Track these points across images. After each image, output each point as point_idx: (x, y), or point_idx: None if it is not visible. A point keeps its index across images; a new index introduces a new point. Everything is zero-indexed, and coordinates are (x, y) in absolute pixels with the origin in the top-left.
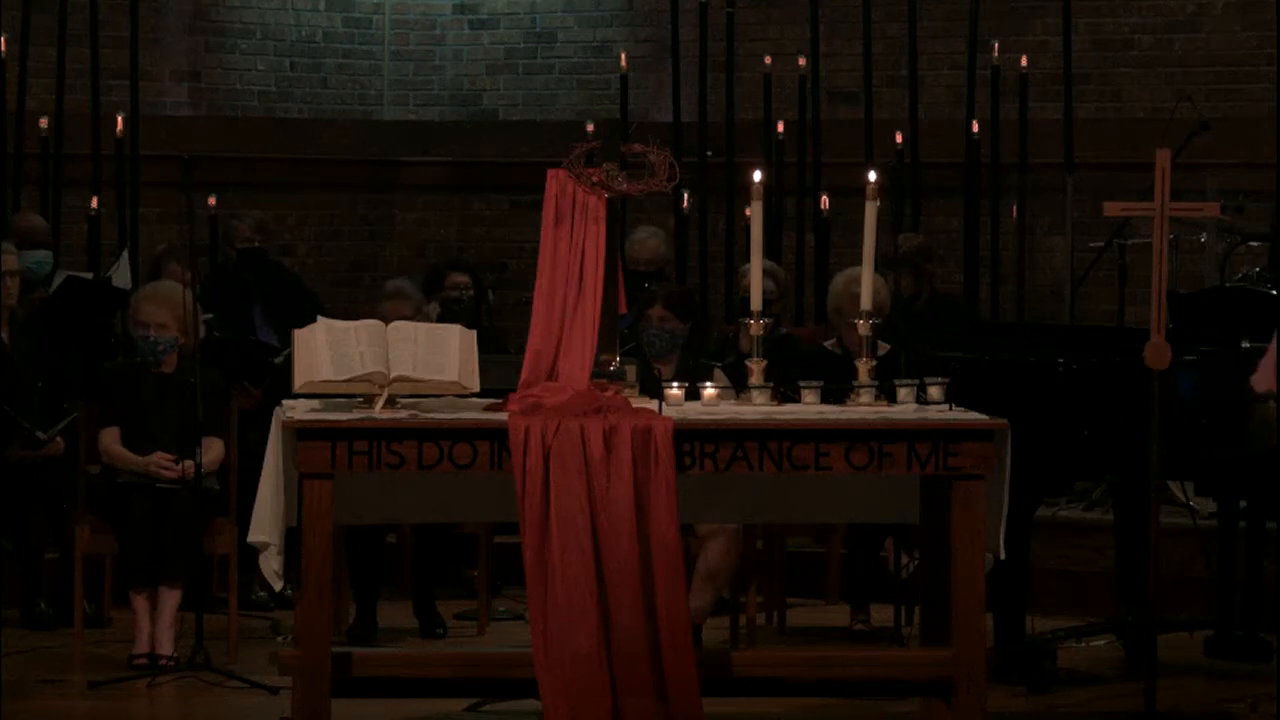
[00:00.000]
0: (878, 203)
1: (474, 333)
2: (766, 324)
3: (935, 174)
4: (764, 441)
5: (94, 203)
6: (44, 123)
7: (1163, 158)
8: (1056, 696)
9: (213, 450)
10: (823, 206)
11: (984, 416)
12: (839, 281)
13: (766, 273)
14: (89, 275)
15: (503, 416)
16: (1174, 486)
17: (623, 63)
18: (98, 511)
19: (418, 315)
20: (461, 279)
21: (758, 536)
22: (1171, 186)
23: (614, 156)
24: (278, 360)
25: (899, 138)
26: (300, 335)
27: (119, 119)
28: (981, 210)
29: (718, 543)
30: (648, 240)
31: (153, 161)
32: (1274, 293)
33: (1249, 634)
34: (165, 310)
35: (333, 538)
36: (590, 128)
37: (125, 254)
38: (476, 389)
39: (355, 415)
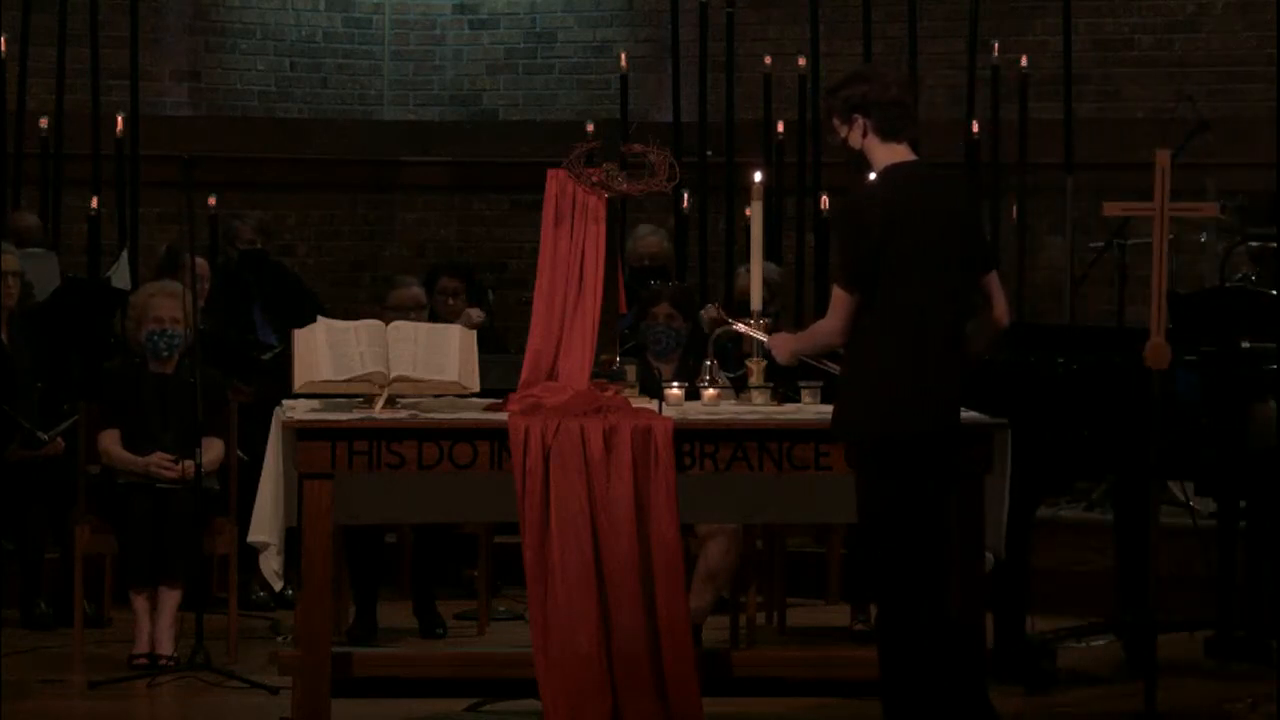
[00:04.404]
0: None
1: (474, 333)
2: (766, 323)
3: None
4: (764, 441)
5: (94, 203)
6: (44, 123)
7: (1163, 158)
8: (1056, 696)
9: (213, 450)
10: (823, 206)
11: (984, 416)
12: None
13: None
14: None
15: (503, 416)
16: (1174, 486)
17: (623, 63)
18: (98, 511)
19: (420, 312)
20: (451, 283)
21: (758, 536)
22: (1171, 186)
23: (614, 156)
24: (266, 357)
25: None
26: (300, 335)
27: (119, 119)
28: (981, 210)
29: (718, 543)
30: (649, 237)
31: (153, 161)
32: (1274, 293)
33: (1249, 634)
34: (178, 305)
35: (333, 538)
36: (590, 128)
37: (125, 254)
38: (476, 389)
39: (355, 415)
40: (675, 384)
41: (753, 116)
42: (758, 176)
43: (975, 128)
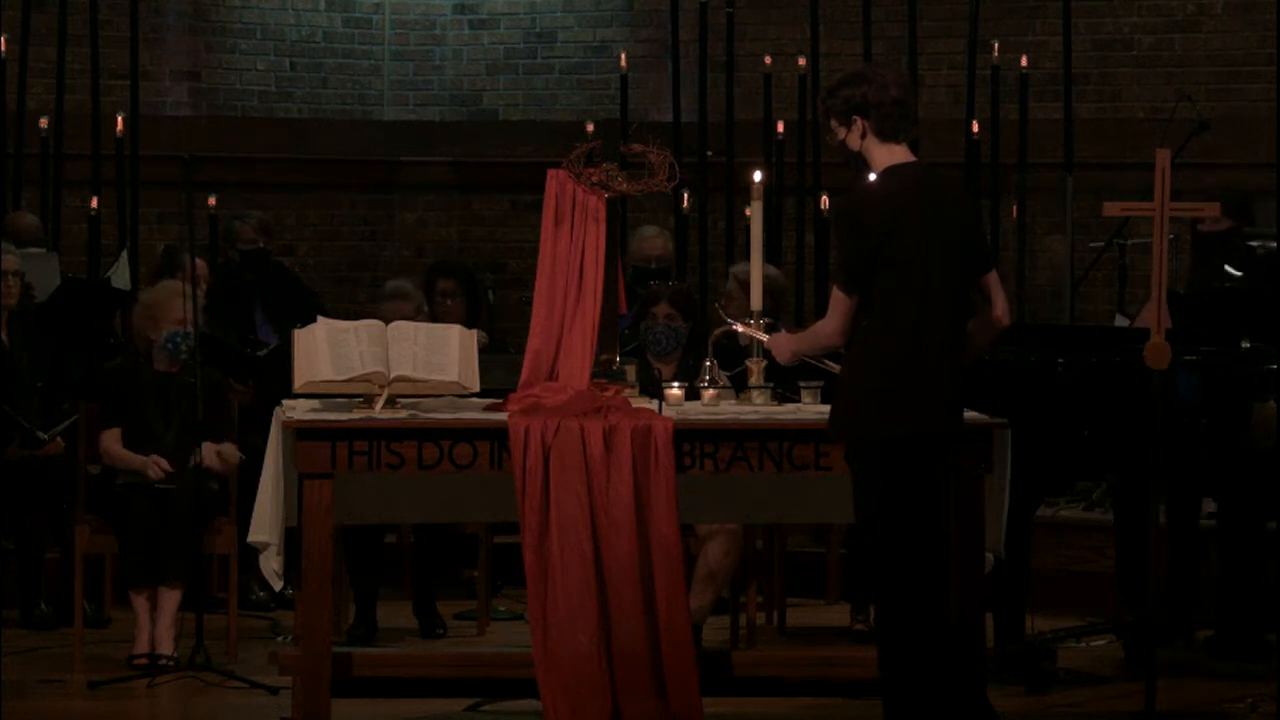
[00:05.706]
0: None
1: (474, 333)
2: (765, 323)
3: None
4: (764, 441)
5: (94, 203)
6: (44, 123)
7: (1163, 158)
8: (1056, 696)
9: (227, 454)
10: (823, 206)
11: (984, 416)
12: None
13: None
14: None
15: (503, 416)
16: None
17: (623, 63)
18: (98, 511)
19: (418, 315)
20: (447, 284)
21: (758, 536)
22: (1171, 186)
23: (614, 156)
24: (262, 353)
25: None
26: (300, 335)
27: (119, 119)
28: (981, 210)
29: (718, 543)
30: (655, 238)
31: (153, 161)
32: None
33: (1249, 634)
34: (189, 306)
35: (333, 538)
36: (590, 128)
37: (125, 254)
38: (476, 389)
39: (355, 415)
40: (675, 384)
41: (753, 116)
42: (758, 176)
43: (975, 128)
